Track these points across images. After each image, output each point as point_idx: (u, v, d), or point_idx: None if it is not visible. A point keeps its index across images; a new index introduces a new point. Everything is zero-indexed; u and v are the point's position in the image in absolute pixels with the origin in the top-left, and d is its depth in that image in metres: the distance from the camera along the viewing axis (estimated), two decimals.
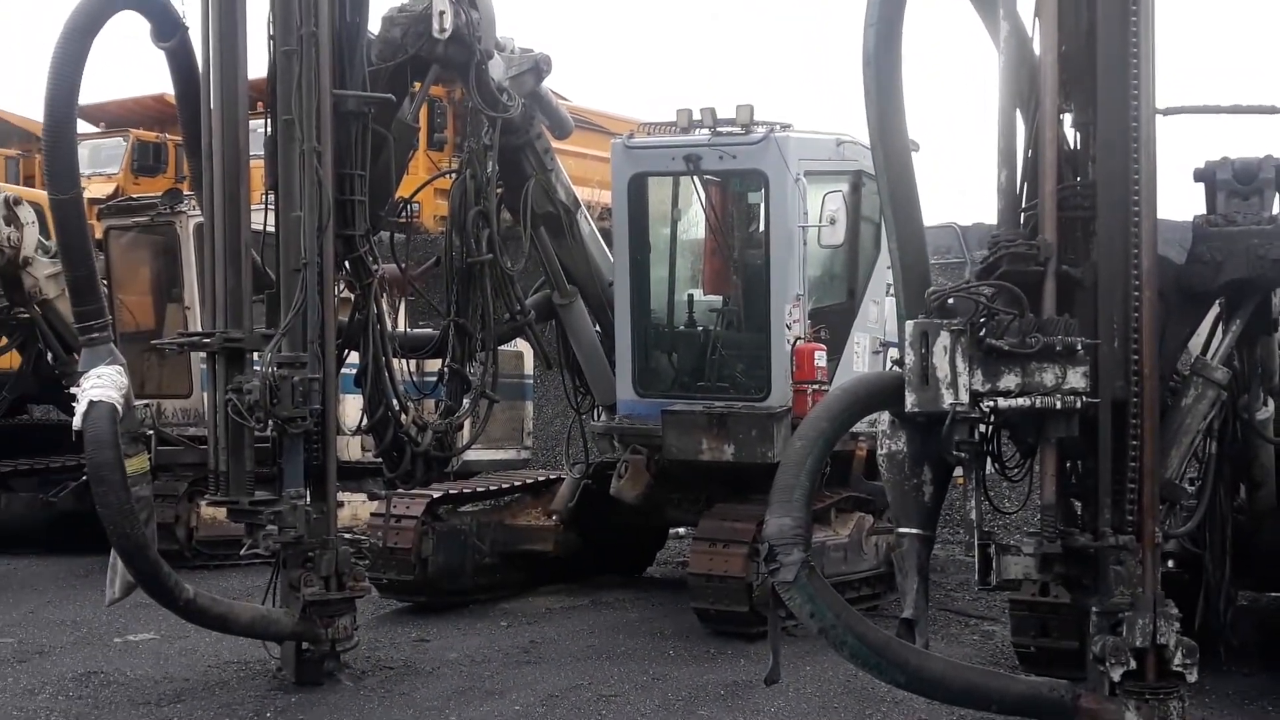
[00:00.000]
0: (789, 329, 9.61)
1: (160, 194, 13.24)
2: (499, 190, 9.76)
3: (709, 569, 9.18)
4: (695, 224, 10.55)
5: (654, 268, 10.44)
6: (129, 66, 11.42)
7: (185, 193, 12.85)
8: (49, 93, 7.80)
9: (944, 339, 5.93)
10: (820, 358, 9.58)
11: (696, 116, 9.75)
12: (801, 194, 9.60)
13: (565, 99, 15.88)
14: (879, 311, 10.37)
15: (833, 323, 10.05)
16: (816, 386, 9.43)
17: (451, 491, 10.56)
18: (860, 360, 10.15)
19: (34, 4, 50.71)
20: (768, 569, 6.05)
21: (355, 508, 12.69)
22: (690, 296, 10.52)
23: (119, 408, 7.69)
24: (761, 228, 10.00)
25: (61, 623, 9.98)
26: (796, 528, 5.94)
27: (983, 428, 6.16)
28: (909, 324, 6.05)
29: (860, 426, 7.38)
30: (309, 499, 8.22)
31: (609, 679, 8.40)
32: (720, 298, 10.42)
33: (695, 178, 9.91)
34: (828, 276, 10.33)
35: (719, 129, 9.72)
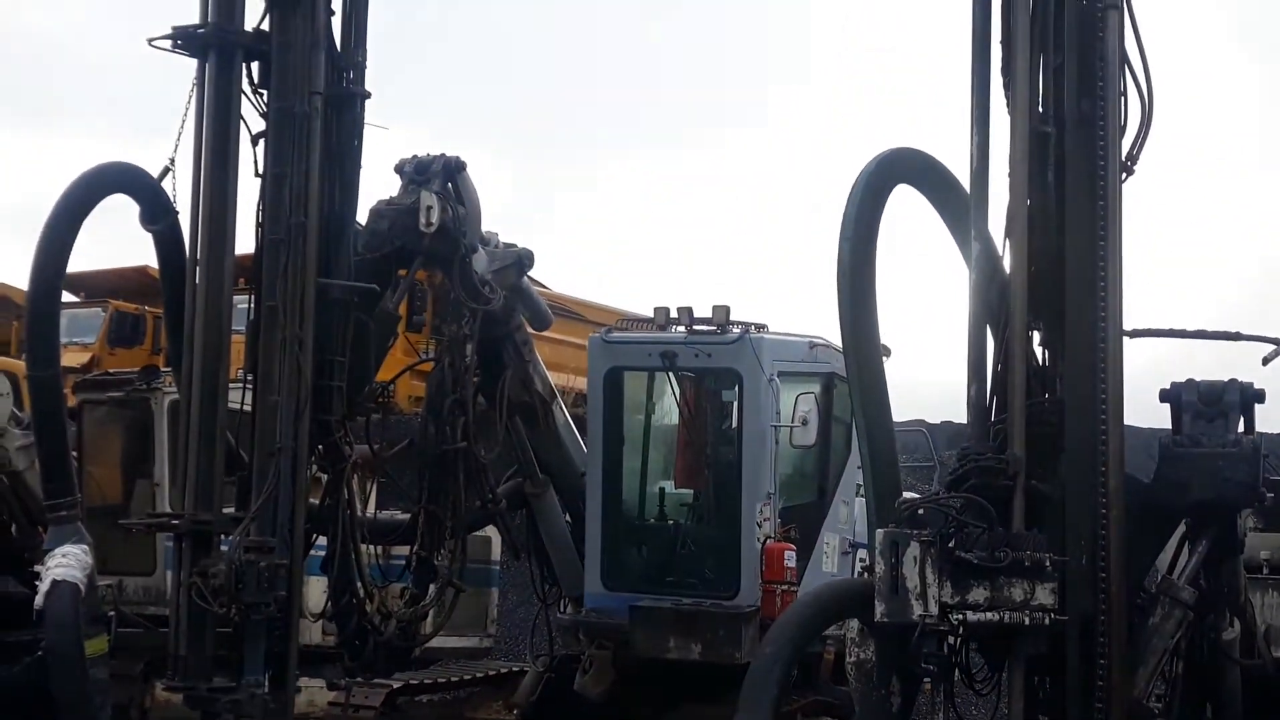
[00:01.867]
0: (759, 527, 9.62)
1: (137, 370, 13.27)
2: (476, 378, 9.85)
3: None
4: (669, 418, 10.64)
5: (627, 460, 10.48)
6: (110, 237, 11.60)
7: (162, 369, 12.90)
8: (34, 273, 7.93)
9: (914, 549, 5.97)
10: (790, 558, 9.57)
11: (673, 314, 9.92)
12: (775, 394, 9.71)
13: (543, 286, 16.15)
14: (849, 511, 10.39)
15: (803, 522, 10.06)
16: (786, 587, 9.39)
17: (412, 682, 10.39)
18: (830, 560, 10.14)
19: (14, 173, 51.46)
20: None
21: (312, 694, 12.38)
22: (662, 489, 10.54)
23: (82, 588, 7.63)
24: (734, 425, 10.08)
25: None
26: None
27: (951, 640, 6.15)
28: (879, 533, 6.10)
29: (829, 629, 7.35)
30: (268, 686, 8.08)
31: None
32: (692, 492, 10.44)
33: (670, 374, 10.03)
34: (799, 475, 10.38)
35: (695, 327, 9.89)
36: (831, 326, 6.79)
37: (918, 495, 7.19)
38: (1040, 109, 6.49)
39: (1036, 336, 6.40)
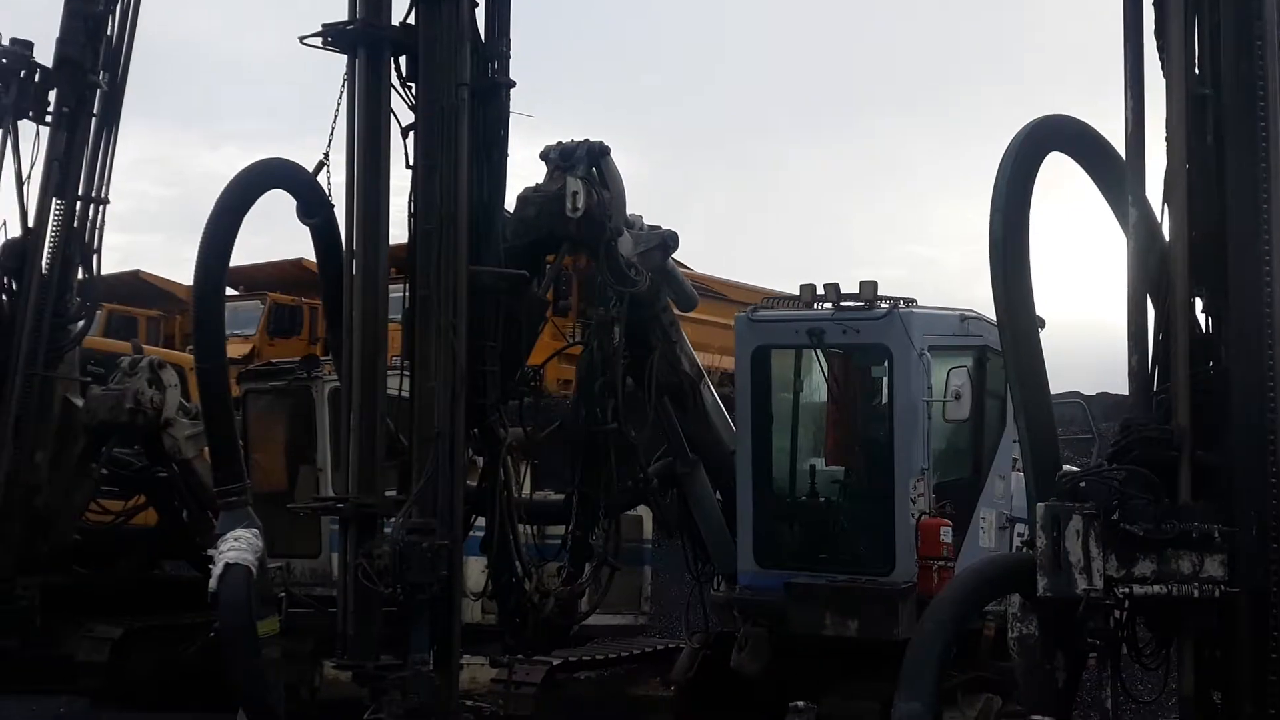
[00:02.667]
0: (913, 503, 9.54)
1: (298, 359, 13.68)
2: (624, 360, 9.94)
3: None
4: (818, 395, 10.59)
5: (776, 438, 10.47)
6: (266, 231, 12.00)
7: (321, 358, 13.28)
8: (199, 268, 8.24)
9: (1076, 523, 5.88)
10: (946, 533, 9.47)
11: (820, 291, 9.88)
12: (926, 369, 9.61)
13: (687, 267, 16.20)
14: (1005, 486, 10.24)
15: (958, 497, 9.93)
16: (942, 563, 9.30)
17: (571, 659, 10.54)
18: (987, 536, 10.00)
19: (175, 172, 53.27)
20: None
21: (474, 671, 12.66)
22: (812, 467, 10.51)
23: (254, 571, 7.91)
24: (885, 401, 10.01)
25: None
26: (927, 713, 5.86)
27: (1117, 614, 6.04)
28: (1040, 507, 6.02)
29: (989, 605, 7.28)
30: (432, 664, 8.28)
31: None
32: (843, 469, 10.40)
33: (818, 351, 9.98)
34: (952, 451, 10.25)
35: (843, 303, 9.83)
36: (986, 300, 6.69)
37: (1077, 468, 7.07)
38: (1197, 71, 6.31)
39: (1199, 304, 6.22)
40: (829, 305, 9.85)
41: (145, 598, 14.72)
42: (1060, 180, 7.25)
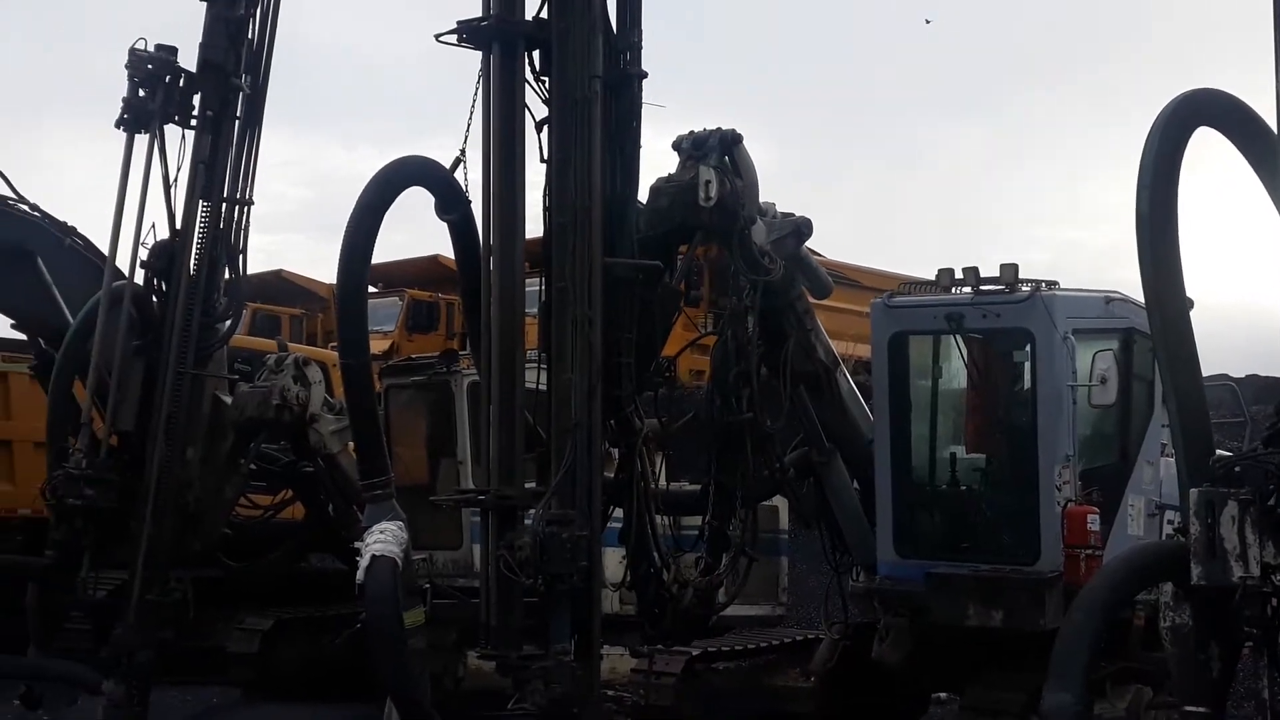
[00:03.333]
0: (1059, 490, 9.34)
1: (436, 354, 13.90)
2: (758, 349, 9.90)
3: None
4: (957, 381, 10.43)
5: (915, 425, 10.34)
6: (405, 228, 12.21)
7: (459, 352, 13.47)
8: (342, 267, 8.40)
9: (1232, 509, 5.71)
10: (1093, 521, 9.26)
11: (959, 275, 9.73)
12: (1070, 352, 9.40)
13: (820, 254, 16.07)
14: (1154, 472, 9.98)
15: (1105, 484, 9.70)
16: (1090, 552, 9.10)
17: (710, 650, 10.54)
18: (1136, 523, 9.76)
19: (312, 173, 54.45)
20: None
21: (614, 661, 12.75)
22: (952, 455, 10.35)
23: (399, 563, 8.05)
24: (1028, 386, 9.82)
25: None
26: (1077, 704, 5.75)
27: (1274, 602, 5.85)
28: (1194, 492, 5.85)
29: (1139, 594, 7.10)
30: (573, 654, 8.34)
31: None
32: (984, 457, 10.22)
33: (958, 336, 9.83)
34: (1098, 436, 10.02)
35: (982, 287, 9.66)
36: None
37: (1230, 453, 6.86)
38: None
39: None
40: (968, 289, 9.70)
41: (293, 590, 15.12)
42: (1209, 156, 7.03)
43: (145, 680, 11.62)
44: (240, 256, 12.31)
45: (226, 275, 12.33)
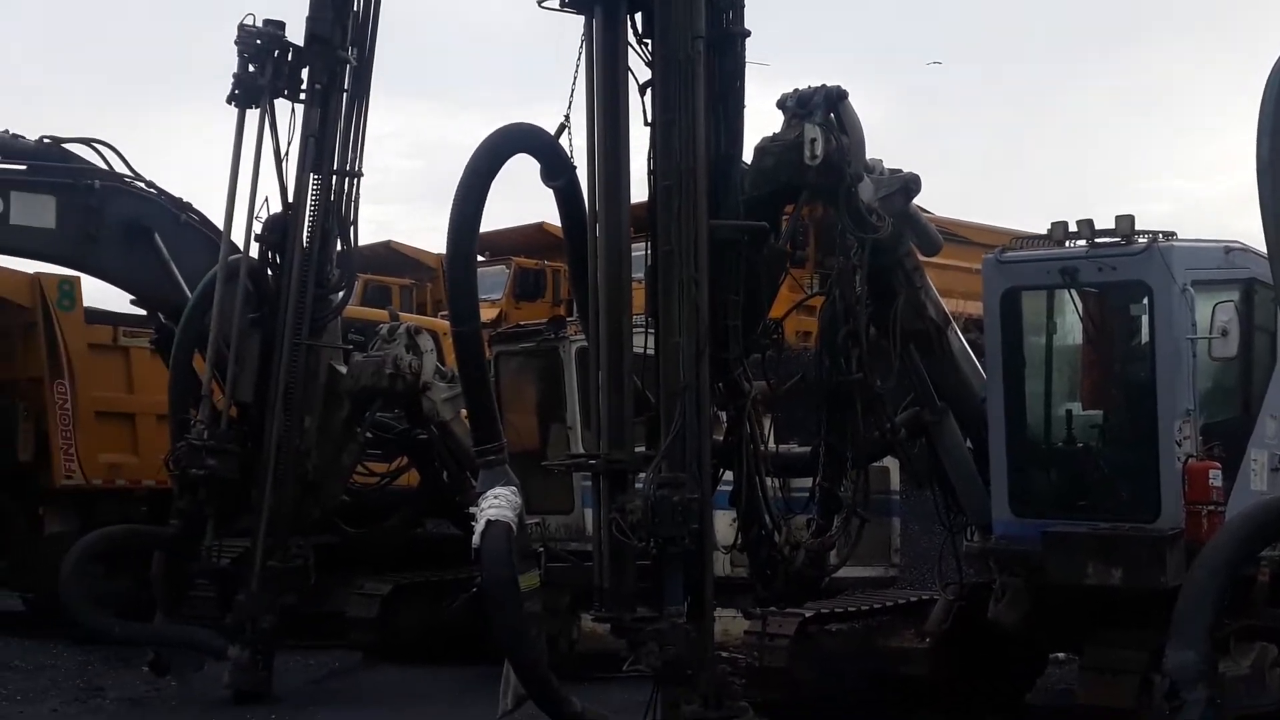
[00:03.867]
0: (1179, 446, 9.15)
1: (545, 321, 14.00)
2: (867, 308, 9.81)
3: (1098, 699, 8.75)
4: (1072, 337, 10.24)
5: (1029, 382, 10.18)
6: (509, 196, 12.25)
7: (567, 319, 13.55)
8: (452, 233, 8.48)
9: None
10: (1215, 477, 9.05)
11: (1073, 228, 9.53)
12: (1189, 305, 9.18)
13: (927, 211, 15.84)
14: (1277, 426, 9.71)
15: (1226, 439, 9.47)
16: (1212, 508, 8.89)
17: (823, 611, 10.52)
18: (1259, 478, 9.50)
19: (416, 144, 54.95)
20: (1169, 706, 5.74)
21: (726, 623, 12.76)
22: (1068, 412, 10.18)
23: (514, 527, 8.13)
24: (1146, 340, 9.61)
25: None
26: (1201, 663, 5.65)
27: None
28: None
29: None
30: (686, 616, 8.37)
31: None
32: (1101, 413, 10.04)
33: (1072, 290, 9.64)
34: (1219, 390, 9.78)
35: (1097, 240, 9.46)
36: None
37: None
38: None
39: None
40: (1082, 243, 9.50)
41: (410, 556, 15.39)
42: None
43: (269, 645, 11.95)
44: (351, 228, 12.54)
45: (338, 247, 12.56)
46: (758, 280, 8.95)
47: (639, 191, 8.65)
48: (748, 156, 9.03)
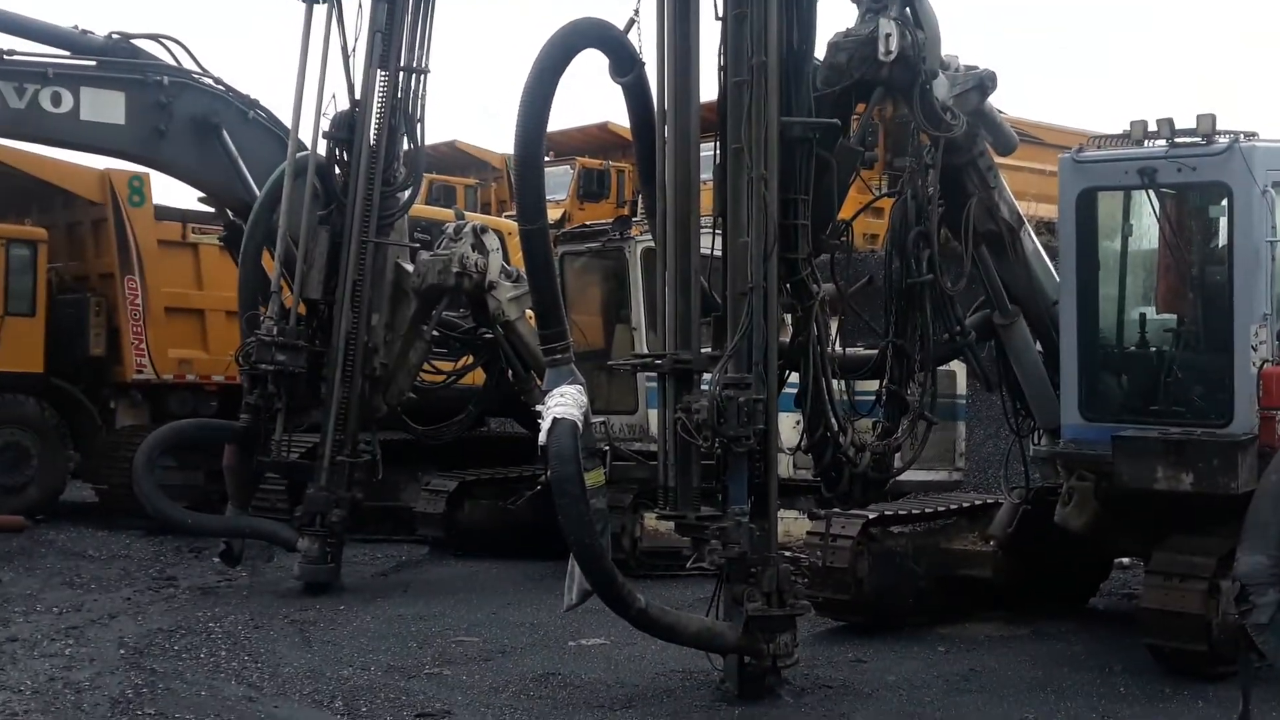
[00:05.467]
0: (1254, 351, 8.99)
1: (610, 221, 13.95)
2: (939, 209, 9.66)
3: (1164, 604, 8.71)
4: (1148, 239, 10.05)
5: (1103, 285, 10.01)
6: (575, 97, 12.14)
7: (632, 219, 13.49)
8: (520, 130, 8.40)
9: None
10: None
11: (1152, 128, 9.30)
12: (1270, 206, 8.96)
13: (1001, 111, 15.53)
14: None
15: None
16: None
17: (887, 513, 10.53)
18: None
19: (484, 40, 54.50)
20: (1239, 609, 5.71)
21: (788, 524, 12.84)
22: (1142, 315, 10.02)
23: (579, 425, 8.16)
24: (1223, 243, 9.41)
25: (520, 624, 10.65)
26: (1273, 567, 5.59)
27: None
28: None
29: None
30: (750, 516, 8.40)
31: (1055, 713, 8.13)
32: (1175, 317, 9.87)
33: (1150, 191, 9.44)
34: None
35: (1177, 140, 9.23)
36: None
37: None
38: None
39: None
40: (1162, 142, 9.28)
41: (475, 453, 15.58)
42: None
43: (338, 538, 12.16)
44: (418, 125, 12.48)
45: (405, 145, 12.54)
46: (828, 179, 8.83)
47: (708, 88, 8.54)
48: (820, 52, 8.85)
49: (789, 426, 9.79)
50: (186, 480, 15.04)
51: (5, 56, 13.42)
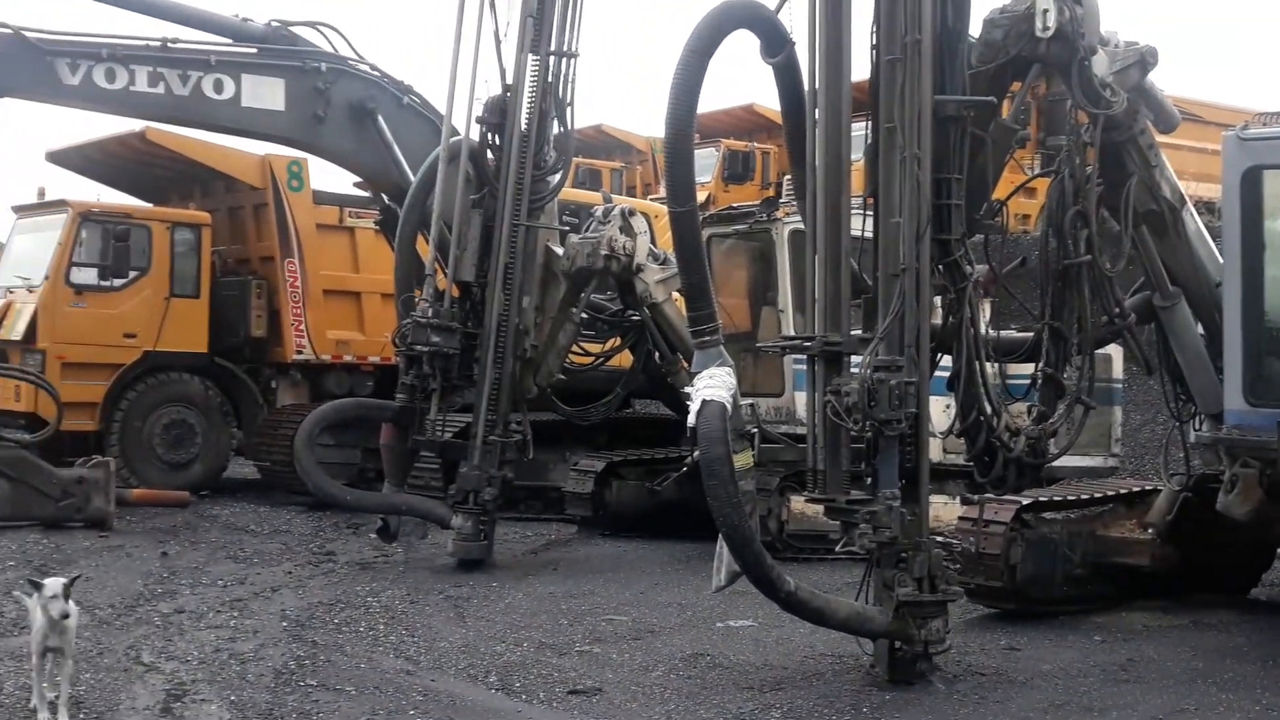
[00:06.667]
0: None
1: (757, 203, 13.92)
2: (1098, 188, 9.45)
3: None
4: None
5: (1269, 266, 9.66)
6: (720, 78, 12.11)
7: (779, 200, 13.44)
8: (670, 111, 8.42)
9: None
10: None
11: None
12: None
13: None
14: None
15: None
16: None
17: (1042, 499, 10.34)
18: None
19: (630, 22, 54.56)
20: None
21: (936, 509, 12.67)
22: None
23: (729, 407, 8.17)
24: None
25: (668, 605, 10.72)
26: None
27: None
28: None
29: None
30: (901, 500, 8.33)
31: (1216, 705, 7.91)
32: None
33: None
34: None
35: None
36: None
37: None
38: None
39: None
40: None
41: (621, 434, 15.72)
42: None
43: (490, 516, 12.37)
44: (568, 109, 12.59)
45: (555, 129, 12.65)
46: (982, 158, 8.69)
47: (859, 68, 8.47)
48: (975, 29, 8.72)
49: (938, 410, 9.68)
50: (344, 458, 15.45)
51: (170, 45, 13.89)
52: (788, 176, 11.82)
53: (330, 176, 17.87)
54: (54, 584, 6.97)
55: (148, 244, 16.03)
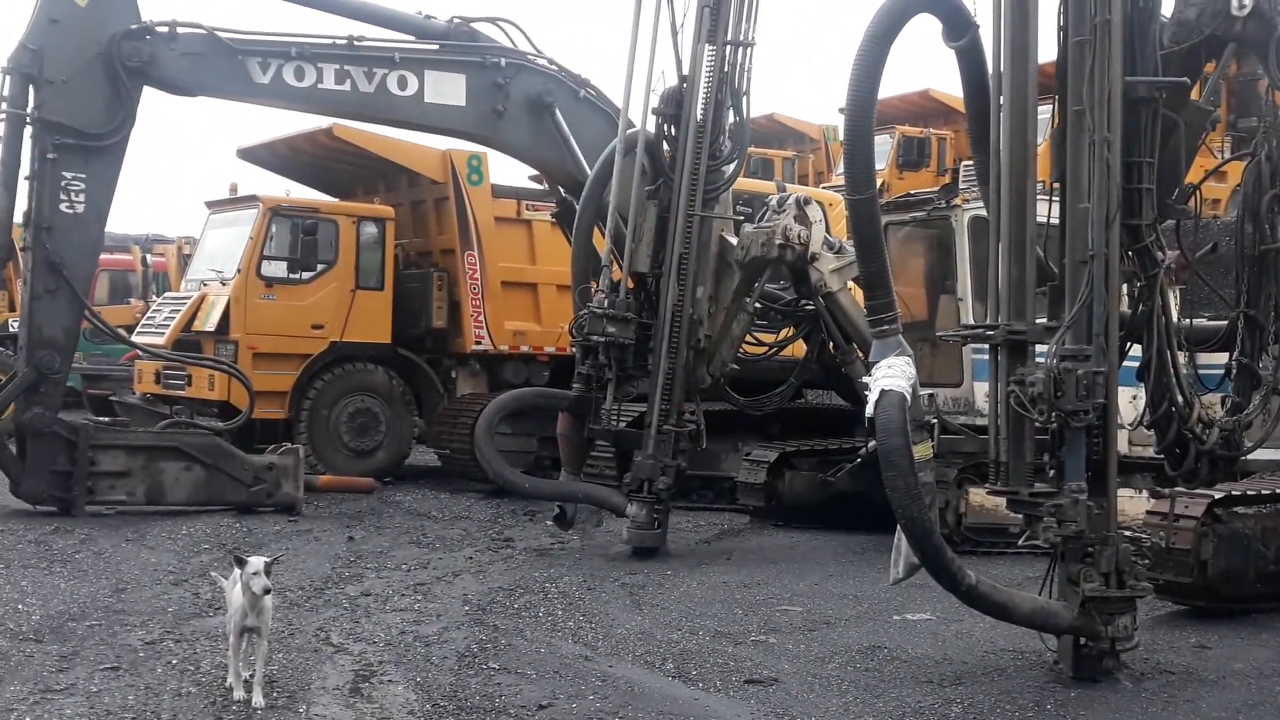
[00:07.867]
0: None
1: (935, 190, 13.70)
2: None
3: None
4: None
5: None
6: (894, 63, 11.93)
7: (958, 186, 13.20)
8: (851, 97, 8.35)
9: None
10: None
11: None
12: None
13: None
14: None
15: None
16: None
17: (1235, 493, 9.96)
18: None
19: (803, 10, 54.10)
20: None
21: (1122, 503, 12.30)
22: None
23: (908, 397, 8.06)
24: None
25: (844, 596, 10.64)
26: None
27: None
28: None
29: None
30: (1088, 493, 8.12)
31: None
32: None
33: None
34: None
35: None
36: None
37: None
38: None
39: None
40: None
41: (794, 424, 15.64)
42: None
43: (665, 505, 12.44)
44: (744, 99, 12.57)
45: (731, 119, 12.64)
46: (1175, 141, 8.40)
47: (1045, 50, 8.26)
48: (1167, 8, 8.45)
49: (1124, 401, 9.40)
50: (520, 446, 15.71)
51: (355, 43, 14.27)
52: (965, 162, 11.62)
53: (507, 170, 18.17)
54: (257, 561, 7.25)
55: (335, 238, 16.51)
